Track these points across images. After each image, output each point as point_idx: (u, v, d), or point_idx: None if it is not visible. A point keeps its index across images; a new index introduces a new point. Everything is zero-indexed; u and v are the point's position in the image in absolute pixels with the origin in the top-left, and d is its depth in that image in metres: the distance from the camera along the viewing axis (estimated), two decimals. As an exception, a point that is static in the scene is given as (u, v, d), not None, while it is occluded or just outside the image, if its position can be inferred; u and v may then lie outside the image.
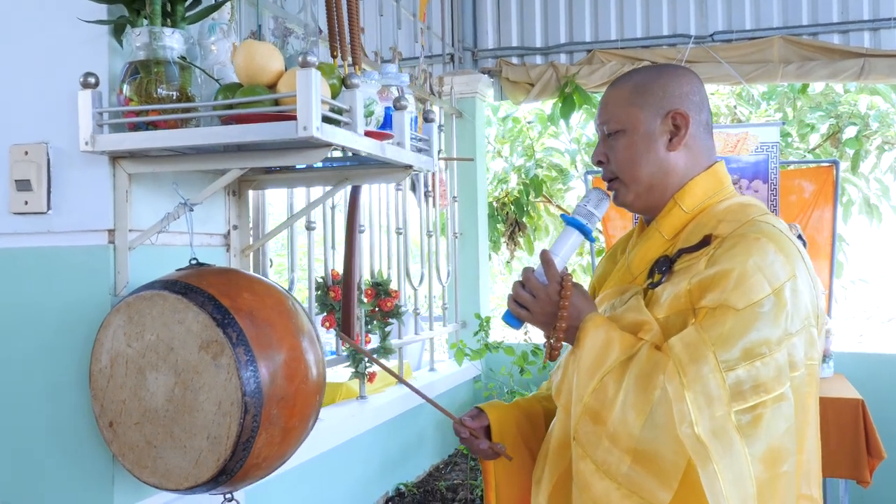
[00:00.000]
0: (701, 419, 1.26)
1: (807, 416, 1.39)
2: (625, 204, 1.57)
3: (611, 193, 1.58)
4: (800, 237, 4.00)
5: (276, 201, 4.00)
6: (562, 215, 1.44)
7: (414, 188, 3.93)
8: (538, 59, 4.58)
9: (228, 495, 1.47)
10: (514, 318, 1.54)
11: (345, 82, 1.50)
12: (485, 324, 4.16)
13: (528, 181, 5.45)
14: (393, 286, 3.40)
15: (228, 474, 1.33)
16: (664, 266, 1.47)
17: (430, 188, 3.91)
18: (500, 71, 4.55)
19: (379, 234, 3.48)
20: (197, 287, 1.37)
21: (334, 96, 1.51)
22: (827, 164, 4.43)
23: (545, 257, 1.50)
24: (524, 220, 5.42)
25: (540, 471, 1.51)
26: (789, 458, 1.31)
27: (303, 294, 3.08)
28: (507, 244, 5.58)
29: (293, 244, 2.81)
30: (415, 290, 3.76)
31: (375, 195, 3.42)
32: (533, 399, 1.71)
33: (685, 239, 1.48)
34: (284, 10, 2.63)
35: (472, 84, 4.41)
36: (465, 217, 4.41)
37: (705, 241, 1.43)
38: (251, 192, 2.26)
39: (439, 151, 4.06)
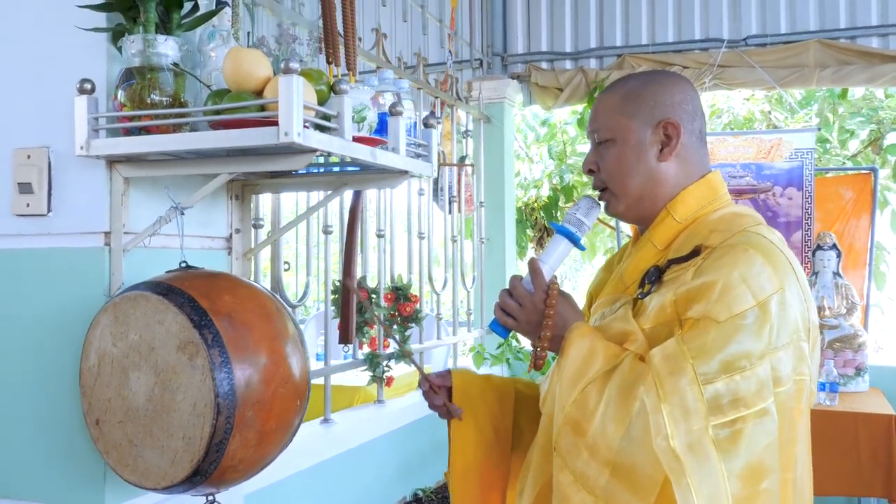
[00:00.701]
0: (677, 432, 1.23)
1: (794, 433, 1.35)
2: (616, 214, 1.55)
3: (602, 203, 1.56)
4: (834, 246, 3.91)
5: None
6: (551, 223, 1.43)
7: (437, 193, 3.92)
8: (568, 64, 4.55)
9: (210, 497, 1.48)
10: (500, 327, 1.53)
11: (333, 88, 1.51)
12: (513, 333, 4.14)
13: (558, 186, 5.42)
14: (416, 291, 3.40)
15: (203, 475, 1.34)
16: (654, 276, 1.45)
17: (454, 193, 3.91)
18: (529, 76, 4.53)
19: (408, 239, 3.49)
20: (178, 288, 1.39)
21: (322, 102, 1.52)
22: (865, 171, 4.31)
23: (532, 265, 1.49)
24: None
25: (523, 480, 1.50)
26: (770, 475, 1.27)
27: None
28: (536, 250, 5.54)
29: (309, 249, 2.84)
30: (437, 294, 3.76)
31: (398, 199, 3.43)
32: (508, 379, 1.71)
33: (677, 249, 1.45)
34: (301, 15, 2.67)
35: (500, 89, 4.40)
36: (493, 222, 4.40)
37: (695, 252, 1.40)
38: (265, 196, 2.30)
39: (464, 157, 4.05)
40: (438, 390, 1.59)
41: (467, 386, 1.61)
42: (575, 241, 1.53)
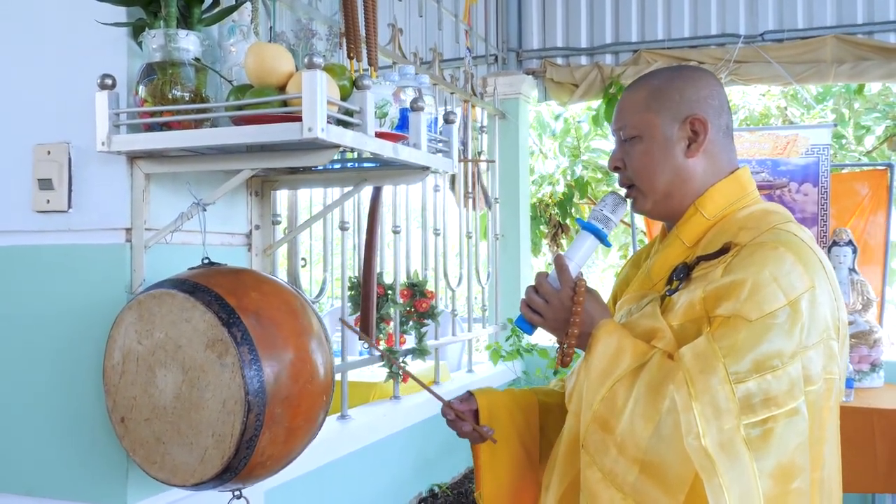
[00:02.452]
0: (708, 431, 1.23)
1: (823, 432, 1.35)
2: (643, 211, 1.54)
3: (628, 200, 1.54)
4: (850, 243, 3.88)
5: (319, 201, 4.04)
6: (577, 220, 1.42)
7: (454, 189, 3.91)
8: (583, 60, 4.53)
9: (237, 492, 1.48)
10: (526, 324, 1.52)
11: (355, 84, 1.50)
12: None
13: (572, 182, 5.40)
14: (431, 287, 3.39)
15: (233, 472, 1.34)
16: (682, 273, 1.44)
17: (470, 190, 3.90)
18: (544, 72, 4.51)
19: (423, 234, 3.48)
20: (204, 286, 1.38)
21: (345, 98, 1.51)
22: (881, 168, 4.28)
23: (559, 262, 1.48)
24: (567, 221, 5.37)
25: (549, 476, 1.49)
26: (801, 474, 1.26)
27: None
28: (550, 246, 5.53)
29: (326, 245, 2.83)
30: (452, 291, 3.75)
31: (414, 196, 3.42)
32: (529, 391, 1.69)
33: (705, 246, 1.44)
34: (318, 10, 2.65)
35: (515, 85, 4.38)
36: (507, 219, 4.39)
37: (724, 249, 1.39)
38: (282, 192, 2.29)
39: (480, 153, 4.04)
40: (465, 416, 1.56)
41: (493, 406, 1.59)
42: (601, 238, 1.52)
